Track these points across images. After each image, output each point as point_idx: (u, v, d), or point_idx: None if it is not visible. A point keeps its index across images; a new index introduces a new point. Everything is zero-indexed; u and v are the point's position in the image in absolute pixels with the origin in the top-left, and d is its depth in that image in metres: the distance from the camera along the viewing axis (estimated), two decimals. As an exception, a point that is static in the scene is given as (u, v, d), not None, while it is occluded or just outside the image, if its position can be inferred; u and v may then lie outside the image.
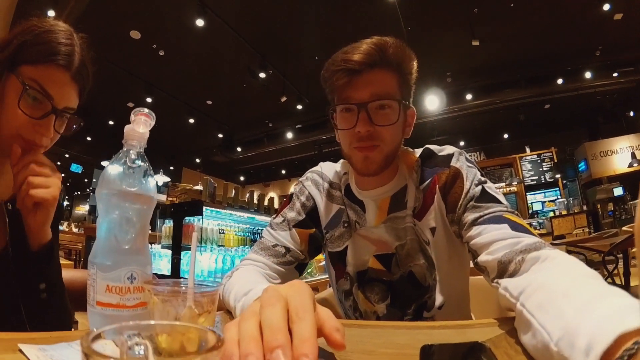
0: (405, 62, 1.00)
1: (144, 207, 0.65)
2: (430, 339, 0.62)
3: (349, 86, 0.96)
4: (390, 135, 0.98)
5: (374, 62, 0.94)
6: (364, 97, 0.95)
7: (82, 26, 0.98)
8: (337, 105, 1.01)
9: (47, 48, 0.84)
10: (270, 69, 8.49)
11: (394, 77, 0.98)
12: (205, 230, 3.96)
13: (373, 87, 0.95)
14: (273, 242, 1.12)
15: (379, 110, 0.96)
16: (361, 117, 0.94)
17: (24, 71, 0.83)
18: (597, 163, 10.20)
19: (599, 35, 7.71)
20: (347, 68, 0.94)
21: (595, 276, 0.57)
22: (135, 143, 0.65)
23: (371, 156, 0.97)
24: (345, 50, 0.96)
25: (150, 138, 0.69)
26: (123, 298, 0.59)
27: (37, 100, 0.84)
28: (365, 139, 0.96)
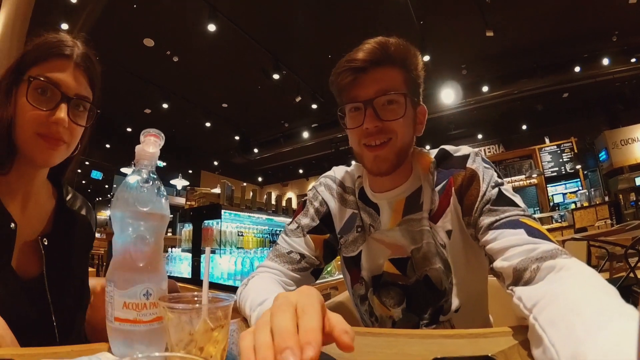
0: (409, 58, 1.00)
1: (157, 225, 0.67)
2: (443, 349, 0.63)
3: (354, 85, 0.97)
4: (401, 129, 0.97)
5: (378, 59, 0.95)
6: (369, 93, 0.96)
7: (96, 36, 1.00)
8: (345, 105, 1.02)
9: (46, 46, 0.88)
10: (284, 70, 8.52)
11: (399, 73, 0.98)
12: (224, 233, 3.99)
13: (378, 84, 0.96)
14: (288, 249, 1.12)
15: (386, 106, 0.96)
16: (368, 114, 0.95)
17: (30, 73, 0.86)
18: (618, 152, 9.92)
19: (615, 20, 7.52)
20: (352, 67, 0.95)
21: (610, 292, 0.56)
22: (147, 162, 0.67)
23: (382, 154, 0.97)
24: (349, 53, 0.98)
25: (169, 143, 0.71)
26: (140, 314, 0.62)
27: (45, 93, 0.85)
28: (375, 134, 0.96)
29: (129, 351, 0.62)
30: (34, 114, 0.84)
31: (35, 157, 0.87)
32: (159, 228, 0.67)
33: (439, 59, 7.93)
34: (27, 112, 0.84)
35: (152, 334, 0.64)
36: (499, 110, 10.45)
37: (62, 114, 0.85)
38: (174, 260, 4.42)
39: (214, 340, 0.56)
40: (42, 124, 0.84)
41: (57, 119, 0.84)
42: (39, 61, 0.87)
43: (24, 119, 0.84)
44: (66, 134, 0.88)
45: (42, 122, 0.84)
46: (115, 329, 0.62)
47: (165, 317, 0.58)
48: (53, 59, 0.87)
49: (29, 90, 0.84)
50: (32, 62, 0.87)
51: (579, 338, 0.44)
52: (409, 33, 7.08)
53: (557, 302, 0.56)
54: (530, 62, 8.86)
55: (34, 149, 0.86)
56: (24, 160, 0.89)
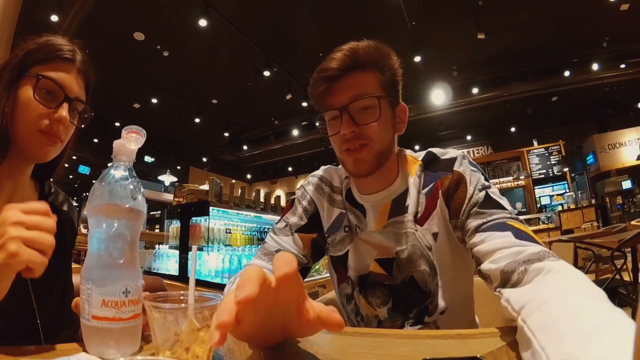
0: (381, 59, 0.99)
1: (135, 222, 0.66)
2: (432, 349, 0.62)
3: (328, 93, 0.99)
4: (377, 133, 0.97)
5: (348, 66, 0.96)
6: (344, 100, 0.97)
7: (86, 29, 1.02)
8: (322, 114, 1.03)
9: (52, 48, 0.91)
10: (275, 67, 8.51)
11: (373, 77, 0.98)
12: (212, 230, 3.97)
13: (351, 90, 0.96)
14: (276, 247, 1.12)
15: (362, 110, 0.97)
16: (344, 120, 0.96)
17: (34, 71, 0.89)
18: (605, 156, 10.10)
19: (606, 26, 7.64)
20: (324, 77, 0.97)
21: (600, 297, 0.56)
22: (125, 158, 0.67)
23: (361, 157, 0.98)
24: (322, 63, 1.00)
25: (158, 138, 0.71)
26: (119, 311, 0.61)
27: (50, 94, 0.90)
28: (352, 139, 0.97)
29: (105, 350, 0.61)
30: (40, 110, 0.88)
31: (34, 152, 0.91)
32: (136, 225, 0.66)
33: (430, 60, 7.98)
34: (32, 108, 0.87)
35: (129, 331, 0.63)
36: (488, 112, 10.53)
37: (65, 113, 0.90)
38: (161, 257, 4.39)
39: (200, 340, 0.55)
40: (45, 122, 0.88)
41: (59, 117, 0.89)
42: (45, 61, 0.90)
43: (27, 114, 0.88)
44: (64, 132, 0.92)
45: (45, 119, 0.88)
46: (92, 328, 0.61)
47: (150, 317, 0.57)
48: (58, 61, 0.91)
49: (37, 88, 0.88)
50: (36, 62, 0.90)
51: (570, 343, 0.44)
52: (401, 34, 7.08)
53: (546, 305, 0.56)
54: (520, 66, 8.96)
55: (35, 144, 0.90)
56: (16, 156, 0.91)
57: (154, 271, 4.37)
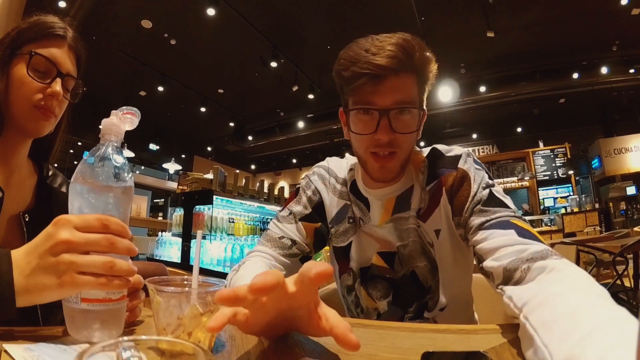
0: (427, 65, 0.96)
1: (123, 203, 0.65)
2: (433, 343, 0.62)
3: (371, 89, 0.90)
4: (408, 143, 0.96)
5: (398, 67, 0.88)
6: (387, 103, 0.91)
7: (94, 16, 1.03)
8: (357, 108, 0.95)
9: (44, 26, 0.93)
10: (282, 59, 8.47)
11: (416, 83, 0.94)
12: (215, 219, 3.98)
13: (397, 94, 0.91)
14: (279, 234, 1.12)
15: (400, 117, 0.92)
16: (382, 124, 0.91)
17: (26, 49, 0.90)
18: (611, 160, 10.03)
19: (616, 30, 7.55)
20: (373, 73, 0.88)
21: (603, 294, 0.56)
22: (114, 138, 0.66)
23: (389, 166, 0.96)
24: (367, 48, 0.90)
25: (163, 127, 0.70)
26: (109, 292, 0.60)
27: (43, 70, 0.91)
28: (385, 145, 0.93)
29: (91, 333, 0.60)
30: (34, 86, 0.89)
31: (29, 127, 0.92)
32: (123, 206, 0.65)
33: (438, 57, 7.75)
34: (26, 84, 0.89)
35: (117, 313, 0.62)
36: (495, 112, 10.47)
37: (58, 87, 0.91)
38: (163, 245, 4.42)
39: (202, 325, 0.56)
40: (39, 97, 0.90)
41: (53, 92, 0.90)
42: (37, 39, 0.91)
43: (22, 91, 0.89)
44: (57, 107, 0.94)
45: (39, 94, 0.90)
46: (80, 311, 0.60)
47: (153, 301, 0.57)
48: (50, 39, 0.93)
49: (30, 65, 0.89)
50: (29, 40, 0.91)
51: (573, 340, 0.44)
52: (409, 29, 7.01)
53: (549, 303, 0.56)
54: (529, 66, 8.87)
55: (29, 118, 0.91)
56: (12, 132, 0.92)
57: (156, 258, 4.40)
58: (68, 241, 0.56)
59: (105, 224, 0.59)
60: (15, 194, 0.97)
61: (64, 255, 0.56)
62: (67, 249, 0.57)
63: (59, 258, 0.56)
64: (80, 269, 0.57)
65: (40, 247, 0.58)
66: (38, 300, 0.59)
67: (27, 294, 0.57)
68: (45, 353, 0.52)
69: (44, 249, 0.57)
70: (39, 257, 0.57)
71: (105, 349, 0.28)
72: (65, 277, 0.56)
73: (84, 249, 0.57)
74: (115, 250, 0.59)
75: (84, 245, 0.57)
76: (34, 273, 0.57)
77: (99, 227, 0.59)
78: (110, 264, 0.58)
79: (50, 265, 0.57)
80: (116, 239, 0.59)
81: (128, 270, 0.60)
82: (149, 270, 1.30)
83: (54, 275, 0.56)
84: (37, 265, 0.57)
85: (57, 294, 0.58)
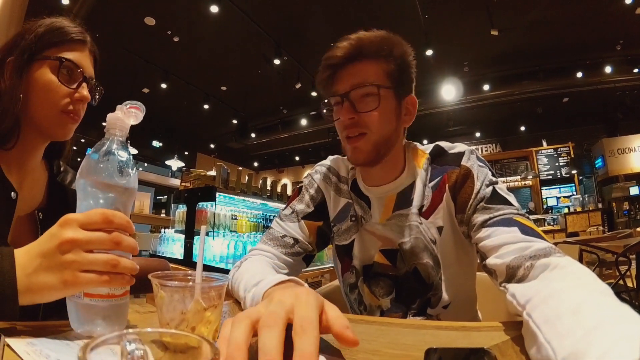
0: (387, 49, 0.99)
1: (126, 198, 0.65)
2: (437, 340, 0.62)
3: (333, 80, 1.01)
4: (376, 122, 0.97)
5: (351, 55, 0.97)
6: (345, 87, 0.98)
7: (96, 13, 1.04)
8: (326, 100, 1.06)
9: (64, 31, 0.94)
10: (285, 56, 8.45)
11: (377, 66, 0.98)
12: (218, 216, 3.99)
13: (353, 78, 0.97)
14: (282, 232, 1.12)
15: (362, 99, 0.97)
16: (344, 106, 0.98)
17: (50, 54, 0.91)
18: (614, 160, 10.00)
19: (620, 29, 7.52)
20: (329, 64, 0.99)
21: (606, 292, 0.56)
22: (119, 133, 0.66)
23: (358, 146, 0.98)
24: (328, 51, 1.01)
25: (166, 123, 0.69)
26: (112, 288, 0.60)
27: (71, 74, 0.93)
28: (350, 126, 0.98)
29: (93, 328, 0.60)
30: (63, 91, 0.91)
31: (57, 131, 0.94)
32: (126, 201, 0.65)
33: (442, 54, 7.91)
34: (55, 89, 0.90)
35: (120, 309, 0.62)
36: (498, 110, 10.44)
37: (86, 92, 0.94)
38: (166, 241, 4.42)
39: (206, 320, 0.56)
40: (67, 102, 0.92)
41: (82, 97, 0.93)
42: (60, 44, 0.93)
43: (50, 96, 0.90)
44: (82, 110, 0.97)
45: (67, 100, 0.92)
46: (84, 306, 0.60)
47: (157, 295, 0.57)
48: (72, 43, 0.94)
49: (60, 70, 0.91)
50: (51, 44, 0.92)
51: (576, 337, 0.44)
52: (413, 26, 7.00)
53: (552, 299, 0.56)
54: (532, 64, 8.85)
55: (57, 123, 0.93)
56: (29, 136, 0.93)
57: (159, 254, 4.41)
58: (72, 240, 0.57)
59: (110, 219, 0.59)
60: (29, 194, 0.98)
61: (68, 255, 0.57)
62: (70, 248, 0.57)
63: (62, 257, 0.57)
64: (83, 268, 0.57)
65: (44, 246, 0.58)
66: (41, 299, 0.59)
67: (30, 293, 0.58)
68: (48, 347, 0.52)
69: (48, 248, 0.57)
70: (42, 256, 0.58)
71: (109, 341, 0.28)
72: (68, 275, 0.57)
73: (87, 248, 0.58)
74: (119, 248, 0.59)
75: (87, 243, 0.57)
76: (36, 272, 0.58)
77: (102, 223, 0.59)
78: (114, 262, 0.58)
79: (53, 265, 0.57)
80: (120, 237, 0.59)
81: (131, 268, 0.60)
82: (151, 267, 1.30)
83: (57, 274, 0.57)
84: (40, 265, 0.58)
85: (60, 293, 0.59)
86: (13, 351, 0.49)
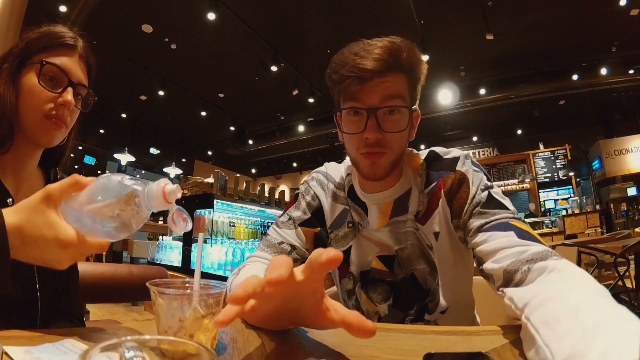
0: (416, 66, 0.96)
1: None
2: (435, 345, 0.62)
3: (359, 89, 0.91)
4: (398, 142, 0.96)
5: (387, 67, 0.89)
6: (374, 102, 0.91)
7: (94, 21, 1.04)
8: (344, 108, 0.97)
9: (54, 36, 0.93)
10: (283, 62, 8.48)
11: (405, 82, 0.94)
12: (216, 223, 3.98)
13: (384, 93, 0.91)
14: (279, 239, 1.12)
15: (389, 116, 0.93)
16: (370, 124, 0.91)
17: (37, 58, 0.90)
18: (611, 161, 10.03)
19: (615, 31, 7.56)
20: (359, 75, 0.89)
21: (603, 294, 0.56)
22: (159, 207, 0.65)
23: (379, 162, 0.95)
24: (356, 51, 0.91)
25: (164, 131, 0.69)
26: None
27: (54, 79, 0.91)
28: (374, 145, 0.93)
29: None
30: (45, 95, 0.89)
31: (39, 137, 0.92)
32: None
33: (438, 59, 7.93)
34: (37, 94, 0.89)
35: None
36: (495, 114, 10.47)
37: (70, 97, 0.91)
38: (164, 248, 4.42)
39: (204, 328, 0.56)
40: (51, 107, 0.90)
41: (64, 101, 0.90)
42: (48, 49, 0.91)
43: (32, 100, 0.89)
44: (69, 116, 0.94)
45: (51, 104, 0.90)
46: None
47: (155, 303, 0.57)
48: (60, 48, 0.93)
49: (41, 74, 0.89)
50: (39, 49, 0.91)
51: (575, 338, 0.44)
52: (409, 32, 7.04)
53: (550, 302, 0.56)
54: (528, 68, 8.88)
55: (40, 129, 0.91)
56: (22, 142, 0.92)
57: (157, 262, 4.40)
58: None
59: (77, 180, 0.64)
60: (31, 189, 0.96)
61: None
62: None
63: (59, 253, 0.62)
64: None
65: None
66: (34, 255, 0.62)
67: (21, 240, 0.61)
68: (46, 355, 0.52)
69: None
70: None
71: (107, 348, 0.28)
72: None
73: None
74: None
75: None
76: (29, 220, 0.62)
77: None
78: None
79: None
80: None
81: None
82: (149, 275, 1.29)
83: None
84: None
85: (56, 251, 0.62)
86: (11, 358, 0.49)
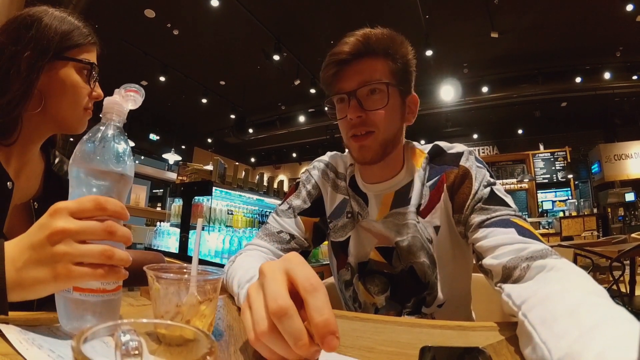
0: (393, 47, 0.98)
1: (121, 186, 0.61)
2: (431, 338, 0.62)
3: (338, 77, 0.99)
4: (384, 120, 0.97)
5: (359, 51, 0.96)
6: (352, 85, 0.97)
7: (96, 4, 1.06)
8: (331, 97, 1.03)
9: (81, 31, 0.98)
10: (285, 52, 8.44)
11: (384, 64, 0.98)
12: (214, 211, 3.98)
13: (360, 75, 0.96)
14: (278, 228, 1.12)
15: (370, 96, 0.97)
16: (352, 104, 0.96)
17: (74, 54, 0.95)
18: (610, 166, 10.05)
19: (621, 36, 7.55)
20: (335, 60, 0.97)
21: (602, 294, 0.56)
22: (116, 118, 0.62)
23: (366, 144, 0.97)
24: (334, 47, 0.99)
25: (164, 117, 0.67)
26: (104, 282, 0.57)
27: (90, 73, 0.98)
28: (358, 125, 0.97)
29: (82, 325, 0.56)
30: (87, 91, 0.97)
31: (78, 127, 0.99)
32: (121, 189, 0.61)
33: (442, 55, 7.91)
34: (81, 89, 0.96)
35: (111, 305, 0.59)
36: (496, 113, 10.48)
37: (100, 91, 1.00)
38: (162, 235, 4.42)
39: (201, 314, 0.55)
40: (87, 99, 0.98)
41: (99, 95, 0.99)
42: (82, 46, 0.97)
43: (77, 97, 0.96)
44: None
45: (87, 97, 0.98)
46: (73, 301, 0.56)
47: (152, 287, 0.56)
48: (89, 46, 0.99)
49: (81, 71, 0.96)
50: (73, 45, 0.95)
51: (572, 337, 0.44)
52: (414, 26, 6.98)
53: (548, 300, 0.56)
54: (532, 68, 8.87)
55: (81, 120, 0.99)
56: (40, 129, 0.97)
57: (154, 248, 4.41)
58: (62, 230, 0.52)
59: (103, 205, 0.55)
60: (25, 184, 0.99)
61: (59, 246, 0.52)
62: (61, 238, 0.53)
63: (53, 249, 0.52)
64: (76, 260, 0.53)
65: (34, 237, 0.54)
66: (31, 295, 0.54)
67: (20, 289, 0.54)
68: (41, 337, 0.51)
69: (38, 239, 0.53)
70: (32, 248, 0.54)
71: (103, 332, 0.28)
72: (60, 269, 0.52)
73: (79, 238, 0.53)
74: (113, 239, 0.55)
75: (79, 233, 0.53)
76: (26, 266, 0.53)
77: (95, 210, 0.54)
78: (109, 252, 0.54)
79: (44, 257, 0.53)
80: (115, 226, 0.55)
81: (126, 260, 0.56)
82: (146, 259, 1.29)
83: (48, 268, 0.53)
84: (30, 258, 0.53)
85: (52, 288, 0.54)
86: (6, 340, 0.48)
